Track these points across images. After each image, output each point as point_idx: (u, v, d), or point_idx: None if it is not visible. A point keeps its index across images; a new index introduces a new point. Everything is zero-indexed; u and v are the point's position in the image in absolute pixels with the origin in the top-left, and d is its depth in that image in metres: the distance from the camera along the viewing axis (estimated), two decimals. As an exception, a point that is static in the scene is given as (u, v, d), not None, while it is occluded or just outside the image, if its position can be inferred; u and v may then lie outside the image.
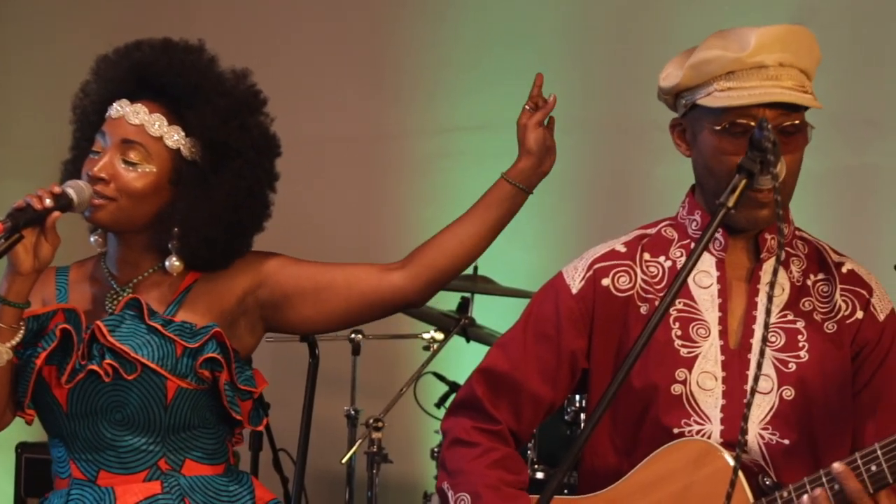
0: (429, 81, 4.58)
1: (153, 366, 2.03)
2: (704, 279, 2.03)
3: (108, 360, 2.01)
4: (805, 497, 1.84)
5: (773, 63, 1.93)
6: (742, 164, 1.80)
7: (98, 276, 2.16)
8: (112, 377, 2.02)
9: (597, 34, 4.37)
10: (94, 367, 2.02)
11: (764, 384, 1.97)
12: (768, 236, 2.01)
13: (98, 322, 2.05)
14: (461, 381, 2.39)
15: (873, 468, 1.81)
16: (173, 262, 2.08)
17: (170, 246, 2.07)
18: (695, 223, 2.06)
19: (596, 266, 2.06)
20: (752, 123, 1.87)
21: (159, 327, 2.04)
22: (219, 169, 2.08)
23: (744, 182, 1.79)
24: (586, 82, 4.23)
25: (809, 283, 2.05)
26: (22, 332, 2.01)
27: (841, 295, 2.03)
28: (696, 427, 1.96)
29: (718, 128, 1.94)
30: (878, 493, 1.83)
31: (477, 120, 4.36)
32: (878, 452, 1.81)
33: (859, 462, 1.83)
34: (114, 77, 2.12)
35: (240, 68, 2.16)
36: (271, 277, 2.13)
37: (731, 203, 1.79)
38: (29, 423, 2.12)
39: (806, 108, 1.96)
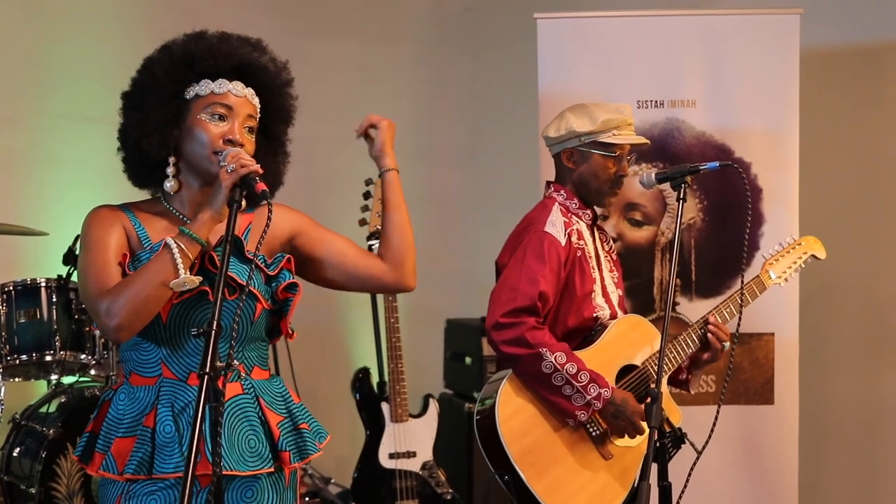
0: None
1: (255, 292, 2.40)
2: (590, 240, 3.37)
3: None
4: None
5: (630, 122, 3.36)
6: (672, 173, 3.12)
7: (165, 213, 2.44)
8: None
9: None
10: (206, 287, 2.32)
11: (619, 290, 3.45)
12: (599, 210, 3.50)
13: (212, 252, 2.35)
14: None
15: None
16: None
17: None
18: (575, 204, 3.38)
19: (566, 228, 3.29)
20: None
21: (257, 261, 2.39)
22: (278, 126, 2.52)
23: (690, 178, 3.08)
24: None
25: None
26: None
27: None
28: (602, 312, 3.32)
29: (615, 154, 3.34)
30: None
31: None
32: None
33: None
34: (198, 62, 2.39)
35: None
36: (306, 233, 2.56)
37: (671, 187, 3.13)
38: None
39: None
